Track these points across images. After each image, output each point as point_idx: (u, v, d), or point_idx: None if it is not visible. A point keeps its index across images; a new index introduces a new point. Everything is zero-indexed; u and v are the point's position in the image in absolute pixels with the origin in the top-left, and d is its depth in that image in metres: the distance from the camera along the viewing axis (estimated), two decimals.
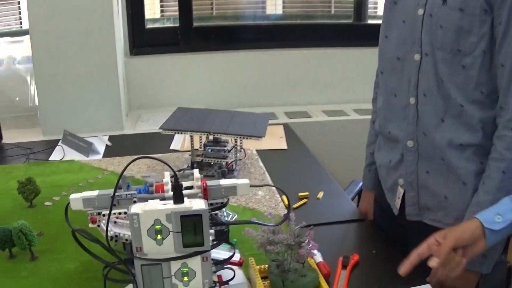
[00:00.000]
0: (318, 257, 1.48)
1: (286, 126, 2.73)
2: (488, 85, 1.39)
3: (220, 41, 3.28)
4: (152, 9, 3.33)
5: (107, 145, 2.56)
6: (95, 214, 1.30)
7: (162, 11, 3.44)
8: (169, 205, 1.14)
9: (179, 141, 2.51)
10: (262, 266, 1.37)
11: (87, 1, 2.64)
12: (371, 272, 1.46)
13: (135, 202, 1.27)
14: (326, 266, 1.44)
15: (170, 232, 1.14)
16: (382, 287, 1.37)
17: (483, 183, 1.42)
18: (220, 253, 1.35)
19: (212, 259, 1.22)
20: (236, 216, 1.58)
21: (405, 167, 1.59)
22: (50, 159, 2.39)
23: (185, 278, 1.19)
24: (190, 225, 1.14)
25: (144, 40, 3.26)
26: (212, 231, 1.23)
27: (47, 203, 1.92)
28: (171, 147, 2.44)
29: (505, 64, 1.33)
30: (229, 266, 1.35)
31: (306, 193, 1.93)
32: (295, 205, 1.85)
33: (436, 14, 1.42)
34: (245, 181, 1.27)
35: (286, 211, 1.64)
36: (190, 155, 2.07)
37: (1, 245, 1.56)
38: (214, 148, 2.06)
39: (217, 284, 1.25)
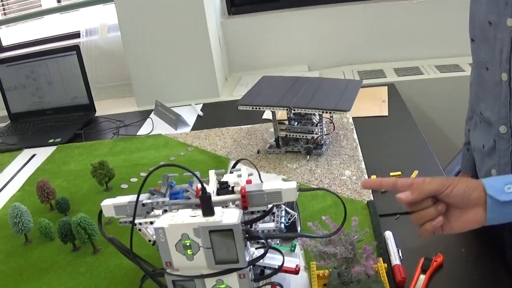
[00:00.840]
0: (395, 259, 1.29)
1: (391, 87, 2.47)
2: None
3: None
4: None
5: (198, 115, 2.45)
6: (128, 223, 1.16)
7: None
8: (198, 217, 1.00)
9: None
10: (324, 272, 1.21)
11: None
12: (457, 276, 1.24)
13: (165, 211, 1.12)
14: (402, 271, 1.24)
15: (200, 248, 0.98)
16: None
17: None
18: (275, 258, 1.18)
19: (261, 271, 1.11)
20: (295, 215, 1.39)
21: (498, 157, 1.34)
22: (138, 133, 2.34)
23: None
24: (221, 241, 0.98)
25: None
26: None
27: (123, 186, 1.88)
28: (264, 116, 2.28)
29: None
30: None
31: (398, 173, 1.70)
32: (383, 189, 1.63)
33: None
34: (292, 184, 1.07)
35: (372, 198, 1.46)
36: (274, 130, 1.89)
37: (62, 238, 1.53)
38: (300, 121, 1.88)
39: None
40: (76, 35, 3.16)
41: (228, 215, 0.99)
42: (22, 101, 2.81)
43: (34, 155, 2.34)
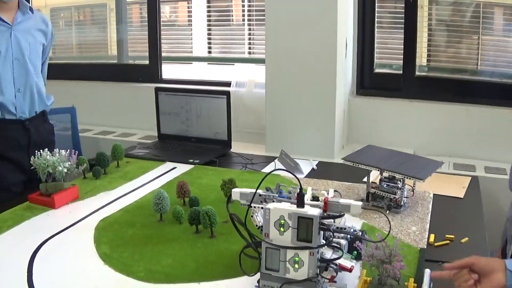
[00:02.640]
0: (426, 285, 1.70)
1: (474, 179, 2.89)
2: None
3: (438, 92, 3.52)
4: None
5: (313, 168, 2.98)
6: (245, 205, 1.71)
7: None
8: (293, 207, 1.52)
9: (373, 176, 2.81)
10: (370, 278, 1.68)
11: (315, 45, 3.16)
12: None
13: (273, 201, 1.67)
14: None
15: (290, 227, 1.51)
16: None
17: None
18: (341, 259, 1.69)
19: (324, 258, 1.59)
20: (354, 228, 1.89)
21: None
22: (262, 170, 2.84)
23: (296, 265, 1.55)
24: (304, 225, 1.50)
25: (370, 83, 3.66)
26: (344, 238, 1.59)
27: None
28: (364, 179, 2.75)
29: None
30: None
31: (452, 236, 2.14)
32: (437, 244, 2.09)
33: None
34: (359, 203, 1.60)
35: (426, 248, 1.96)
36: (367, 186, 2.40)
37: (190, 221, 2.08)
38: (388, 184, 2.37)
39: (323, 278, 1.59)
40: (227, 84, 3.80)
41: (312, 210, 1.52)
42: (172, 125, 3.45)
43: (174, 168, 2.95)
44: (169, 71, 4.29)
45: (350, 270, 1.66)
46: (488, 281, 1.45)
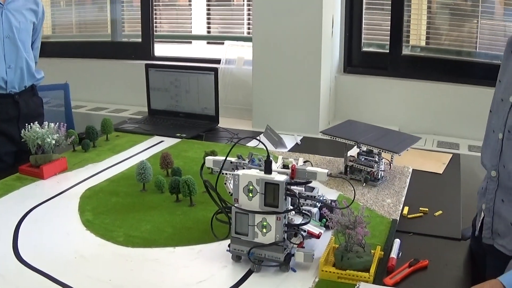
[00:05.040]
0: (393, 253, 1.80)
1: (455, 156, 2.94)
2: None
3: (425, 71, 3.58)
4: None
5: (297, 143, 3.05)
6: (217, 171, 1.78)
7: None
8: (261, 173, 1.59)
9: (354, 151, 2.86)
10: (337, 245, 1.74)
11: (301, 23, 3.22)
12: (430, 276, 1.72)
13: (243, 168, 1.73)
14: (394, 262, 1.75)
15: (258, 193, 1.58)
16: None
17: None
18: (309, 226, 1.75)
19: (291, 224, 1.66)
20: (323, 197, 1.96)
21: (487, 194, 1.82)
22: (246, 144, 2.90)
23: (264, 230, 1.62)
24: (271, 190, 1.57)
25: (358, 61, 3.72)
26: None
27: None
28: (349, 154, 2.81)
29: None
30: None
31: (426, 209, 2.20)
32: (410, 215, 2.16)
33: None
34: (325, 171, 1.66)
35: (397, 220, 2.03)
36: (344, 159, 2.46)
37: (170, 190, 2.15)
38: (366, 157, 2.43)
39: (292, 243, 1.67)
40: (217, 61, 3.85)
41: (279, 177, 1.58)
42: (162, 101, 3.51)
43: (162, 141, 3.02)
44: (168, 50, 4.39)
45: (318, 237, 1.73)
46: None
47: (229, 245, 1.70)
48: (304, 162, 1.82)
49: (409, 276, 1.70)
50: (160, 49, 4.37)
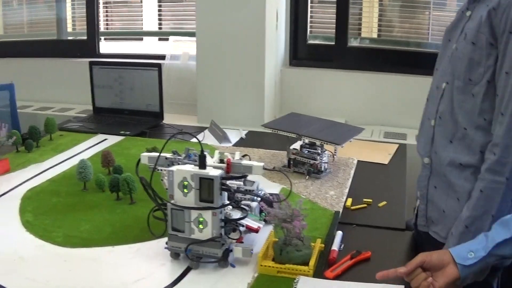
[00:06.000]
0: (334, 246, 1.80)
1: (402, 146, 2.95)
2: (490, 112, 1.55)
3: (371, 63, 3.59)
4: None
5: (241, 138, 3.03)
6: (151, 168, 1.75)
7: (311, 26, 3.83)
8: (196, 169, 1.56)
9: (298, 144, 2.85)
10: (277, 240, 1.72)
11: (244, 17, 3.19)
12: (372, 267, 1.69)
13: (178, 164, 1.70)
14: (335, 254, 1.75)
15: (193, 189, 1.55)
16: (362, 280, 1.59)
17: (468, 200, 1.62)
18: (248, 220, 1.73)
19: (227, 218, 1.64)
20: (263, 192, 1.94)
21: (421, 181, 1.84)
22: (191, 140, 2.87)
23: (200, 226, 1.59)
24: (206, 186, 1.54)
25: (303, 54, 3.72)
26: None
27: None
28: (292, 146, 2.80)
29: (499, 94, 1.51)
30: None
31: (370, 200, 2.20)
32: (353, 207, 2.16)
33: (459, 47, 1.66)
34: (260, 164, 1.65)
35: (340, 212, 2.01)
36: (287, 152, 2.44)
37: (110, 189, 2.11)
38: (309, 150, 2.42)
39: (230, 239, 1.65)
40: (163, 57, 3.79)
41: (214, 171, 1.56)
42: (106, 98, 3.45)
43: (105, 139, 2.97)
44: (119, 48, 4.35)
45: (256, 231, 1.72)
46: (442, 276, 1.45)
47: (166, 243, 1.65)
48: (243, 156, 1.79)
49: (351, 268, 1.70)
50: (111, 47, 4.32)
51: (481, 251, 1.42)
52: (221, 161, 1.74)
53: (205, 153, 1.63)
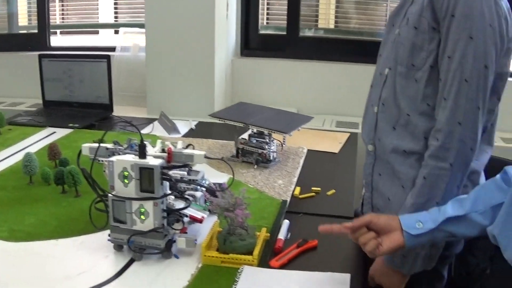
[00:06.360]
0: (280, 235, 1.79)
1: (353, 135, 2.96)
2: (434, 98, 1.53)
3: (323, 52, 3.61)
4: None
5: (191, 128, 3.01)
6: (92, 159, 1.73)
7: (268, 19, 3.87)
8: (136, 159, 1.54)
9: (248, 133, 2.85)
10: (221, 229, 1.71)
11: (193, 8, 3.18)
12: (319, 256, 1.73)
13: (119, 154, 1.68)
14: (281, 243, 1.75)
15: (133, 179, 1.53)
16: (308, 269, 1.60)
17: (413, 187, 1.60)
18: (192, 210, 1.72)
19: (170, 208, 1.63)
20: (207, 181, 1.93)
21: (366, 169, 1.82)
22: (141, 131, 2.84)
23: (142, 217, 1.57)
24: (146, 175, 1.52)
25: (255, 44, 3.72)
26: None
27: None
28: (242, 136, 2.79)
29: (441, 78, 1.49)
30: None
31: (318, 189, 2.20)
32: (301, 196, 2.16)
33: (401, 33, 1.64)
34: (202, 152, 1.64)
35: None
36: (235, 142, 2.44)
37: (56, 181, 2.08)
38: (257, 139, 2.42)
39: (173, 229, 1.63)
40: (114, 49, 3.76)
41: (154, 161, 1.54)
42: (56, 91, 3.39)
43: (54, 132, 2.93)
44: (74, 41, 4.32)
45: (200, 221, 1.70)
46: (388, 240, 1.46)
47: (109, 235, 1.64)
48: (187, 146, 1.78)
49: (297, 257, 1.70)
50: (67, 41, 4.30)
51: (430, 223, 1.42)
52: (163, 151, 1.72)
53: (146, 142, 1.61)
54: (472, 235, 1.45)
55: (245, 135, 2.49)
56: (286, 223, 1.87)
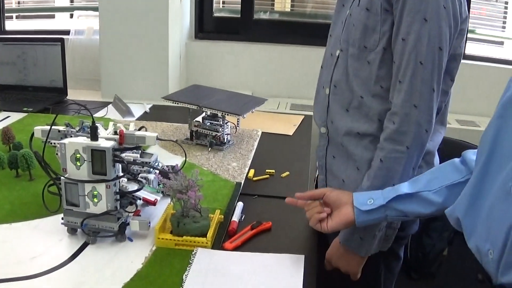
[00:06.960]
0: (234, 217, 1.81)
1: (307, 118, 2.97)
2: (387, 80, 1.53)
3: (277, 35, 3.63)
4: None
5: (145, 112, 3.01)
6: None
7: (223, 2, 3.86)
8: (87, 141, 1.54)
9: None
10: (174, 211, 1.72)
11: None
12: (273, 238, 1.75)
13: (71, 136, 1.69)
14: (235, 225, 1.77)
15: (85, 161, 1.54)
16: (262, 250, 1.62)
17: (368, 169, 1.62)
18: (145, 193, 1.73)
19: (123, 191, 1.63)
20: (160, 164, 1.95)
21: (319, 151, 1.83)
22: (95, 115, 2.84)
23: (95, 199, 1.58)
24: (98, 158, 1.53)
25: (209, 26, 3.73)
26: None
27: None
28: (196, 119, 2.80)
29: (396, 61, 1.49)
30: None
31: (272, 171, 2.23)
32: (255, 178, 2.18)
33: (352, 14, 1.63)
34: (153, 134, 1.65)
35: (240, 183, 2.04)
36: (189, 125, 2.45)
37: (9, 165, 2.06)
38: (211, 122, 2.43)
39: (126, 212, 1.65)
40: (68, 32, 3.72)
41: (106, 143, 1.54)
42: (10, 75, 3.34)
43: (8, 117, 2.90)
44: (29, 25, 4.25)
45: (154, 203, 1.72)
46: (338, 215, 1.49)
47: (62, 218, 1.64)
48: (140, 128, 1.79)
49: (251, 239, 1.72)
50: (23, 25, 4.25)
51: (381, 199, 1.45)
52: (116, 133, 1.72)
53: (98, 125, 1.62)
54: (425, 214, 1.48)
55: (199, 118, 2.48)
56: (240, 205, 1.89)
